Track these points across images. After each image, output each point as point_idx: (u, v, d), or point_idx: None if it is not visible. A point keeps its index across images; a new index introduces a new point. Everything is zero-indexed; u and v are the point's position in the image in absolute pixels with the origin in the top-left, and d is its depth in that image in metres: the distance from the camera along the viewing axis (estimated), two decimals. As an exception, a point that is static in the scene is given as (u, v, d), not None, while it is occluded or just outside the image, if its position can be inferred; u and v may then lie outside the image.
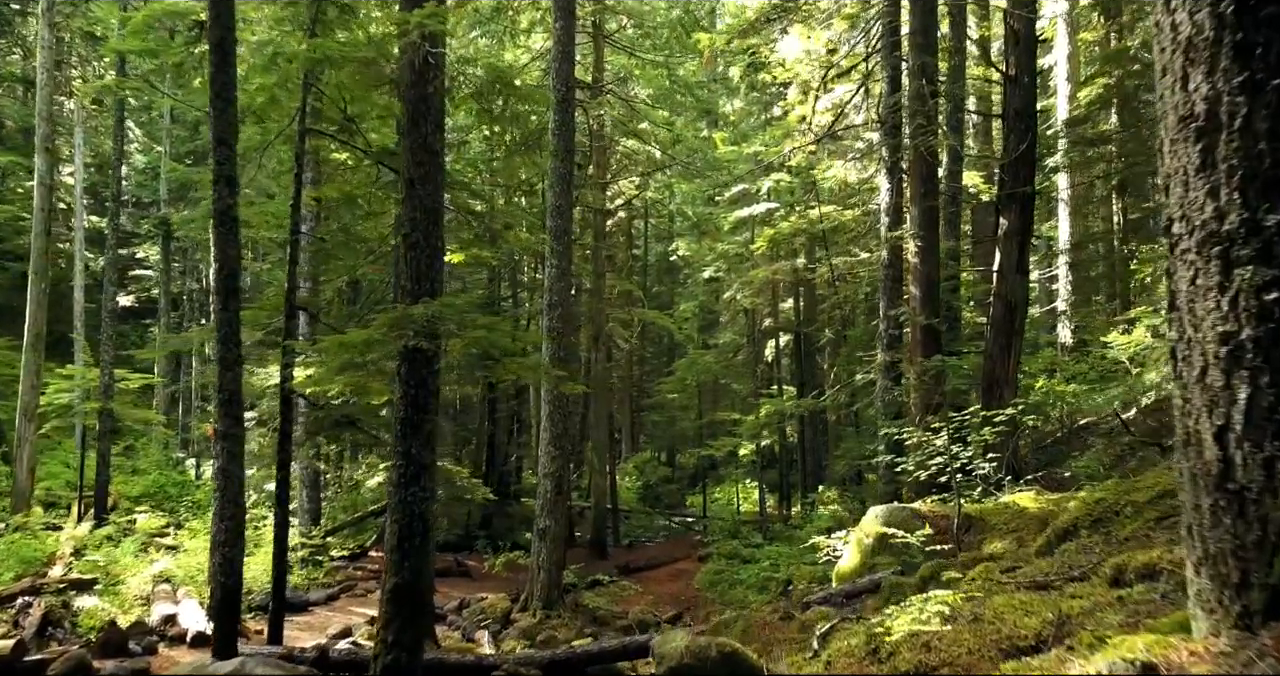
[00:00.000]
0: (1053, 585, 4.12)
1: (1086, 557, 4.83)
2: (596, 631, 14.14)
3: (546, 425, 14.52)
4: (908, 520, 8.61)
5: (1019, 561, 5.55)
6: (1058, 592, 3.88)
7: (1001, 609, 3.65)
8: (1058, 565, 4.76)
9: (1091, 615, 3.14)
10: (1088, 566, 4.44)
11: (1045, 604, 3.56)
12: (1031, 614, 3.41)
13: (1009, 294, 12.43)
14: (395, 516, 6.92)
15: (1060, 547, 5.42)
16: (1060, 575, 4.44)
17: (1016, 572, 4.89)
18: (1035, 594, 3.94)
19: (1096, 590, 3.55)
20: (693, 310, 32.21)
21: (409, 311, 6.58)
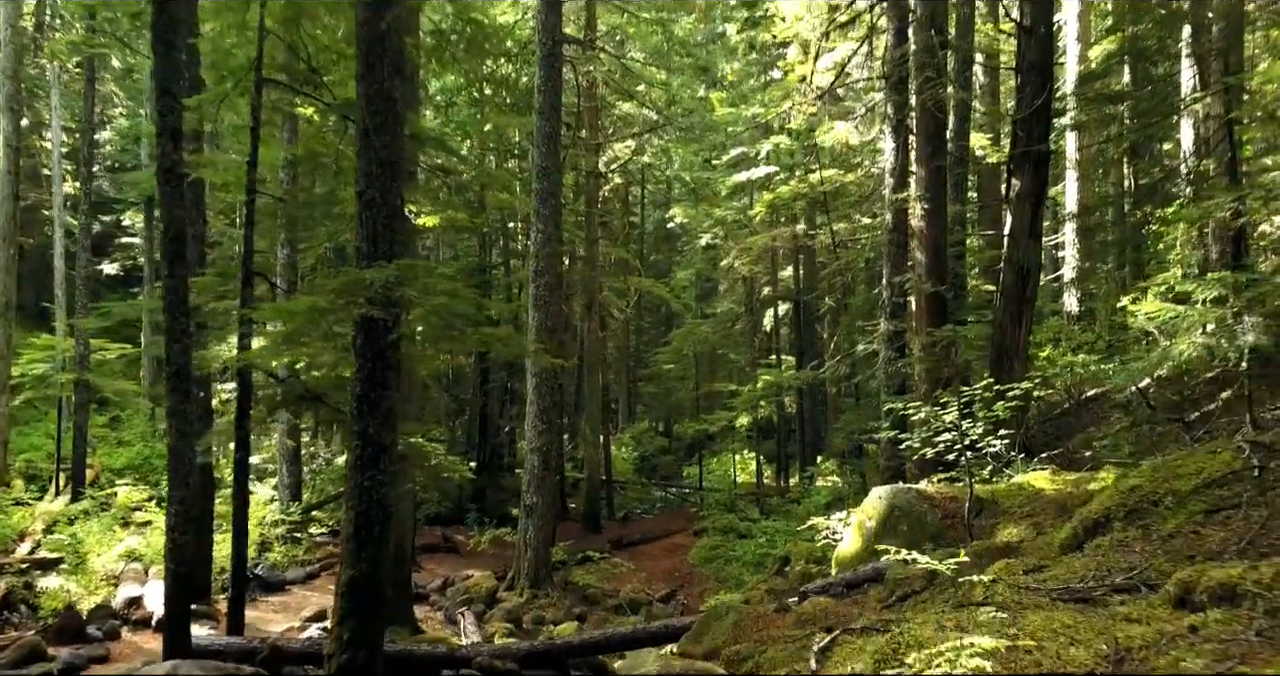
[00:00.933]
0: (1095, 597, 3.48)
1: (1125, 557, 4.20)
2: (585, 611, 13.62)
3: (533, 398, 13.89)
4: (913, 502, 7.99)
5: (1044, 558, 4.91)
6: (1104, 610, 3.24)
7: (1038, 631, 3.01)
8: (1093, 567, 4.12)
9: (1158, 650, 2.51)
10: (1133, 572, 3.80)
11: (1093, 627, 2.92)
12: (1078, 642, 2.78)
13: (1021, 259, 11.71)
14: (352, 503, 6.28)
15: (1092, 543, 4.78)
16: (1099, 581, 3.80)
17: (1044, 574, 4.26)
18: (1076, 610, 3.30)
19: (1157, 611, 2.91)
20: (690, 278, 31.47)
21: (360, 276, 5.89)
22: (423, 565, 16.10)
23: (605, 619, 13.53)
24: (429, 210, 9.79)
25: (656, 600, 14.63)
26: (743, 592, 13.45)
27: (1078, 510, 6.20)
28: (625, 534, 20.02)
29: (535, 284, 13.90)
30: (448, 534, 18.42)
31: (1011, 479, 8.45)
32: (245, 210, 8.63)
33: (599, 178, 21.48)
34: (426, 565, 16.24)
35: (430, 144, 9.31)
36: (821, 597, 7.09)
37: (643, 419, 37.13)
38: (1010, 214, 11.84)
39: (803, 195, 20.01)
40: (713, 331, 27.31)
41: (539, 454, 13.77)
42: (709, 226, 25.71)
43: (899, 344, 12.55)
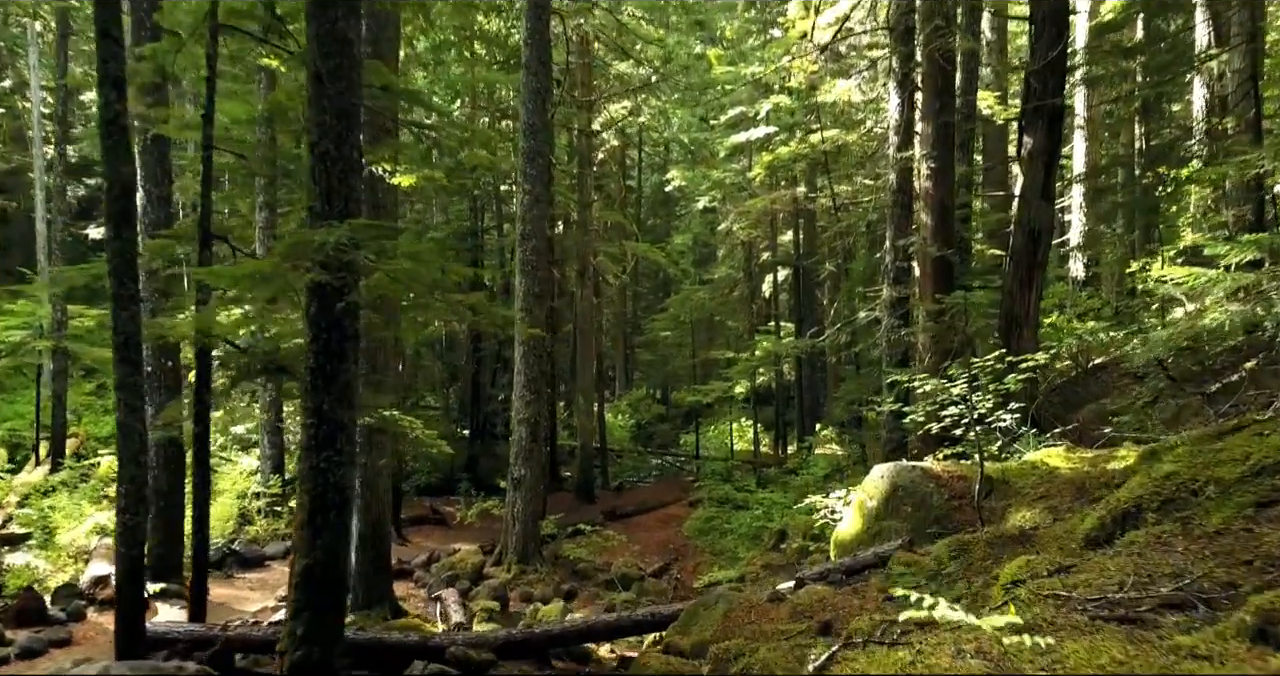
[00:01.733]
0: (1143, 616, 2.94)
1: (1167, 559, 3.66)
2: (575, 586, 13.19)
3: (520, 367, 13.33)
4: (918, 481, 7.47)
5: (1068, 555, 4.37)
6: (1159, 637, 2.69)
7: (1082, 667, 2.47)
8: (1131, 570, 3.57)
9: (1242, 706, 2.00)
10: (1181, 580, 3.26)
11: (1151, 665, 2.38)
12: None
13: (1032, 221, 11.09)
14: (306, 486, 5.74)
15: (1123, 538, 4.24)
16: (1143, 590, 3.26)
17: (1072, 577, 3.72)
18: (1124, 634, 2.76)
19: (1230, 646, 2.38)
20: (687, 243, 30.77)
21: (308, 237, 5.30)
22: (409, 539, 15.68)
23: (596, 595, 13.12)
24: (404, 169, 9.15)
25: (649, 574, 14.20)
26: (738, 569, 13.05)
27: (1104, 497, 5.66)
28: (619, 504, 19.59)
29: (522, 248, 13.28)
30: (436, 506, 17.99)
31: (1022, 456, 7.92)
32: (203, 167, 7.99)
33: (592, 137, 20.73)
34: (413, 538, 15.81)
35: (404, 98, 8.65)
36: (819, 586, 6.59)
37: (640, 386, 36.63)
38: (1021, 173, 11.21)
39: (803, 156, 19.30)
40: (710, 297, 26.70)
41: (527, 425, 13.25)
42: (707, 189, 24.98)
43: (902, 311, 11.98)
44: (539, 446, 13.45)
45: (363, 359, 10.31)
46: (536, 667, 7.27)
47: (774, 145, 20.79)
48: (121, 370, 7.05)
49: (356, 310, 5.80)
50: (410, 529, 16.51)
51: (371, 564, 10.34)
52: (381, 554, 10.40)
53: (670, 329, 27.32)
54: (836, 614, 5.76)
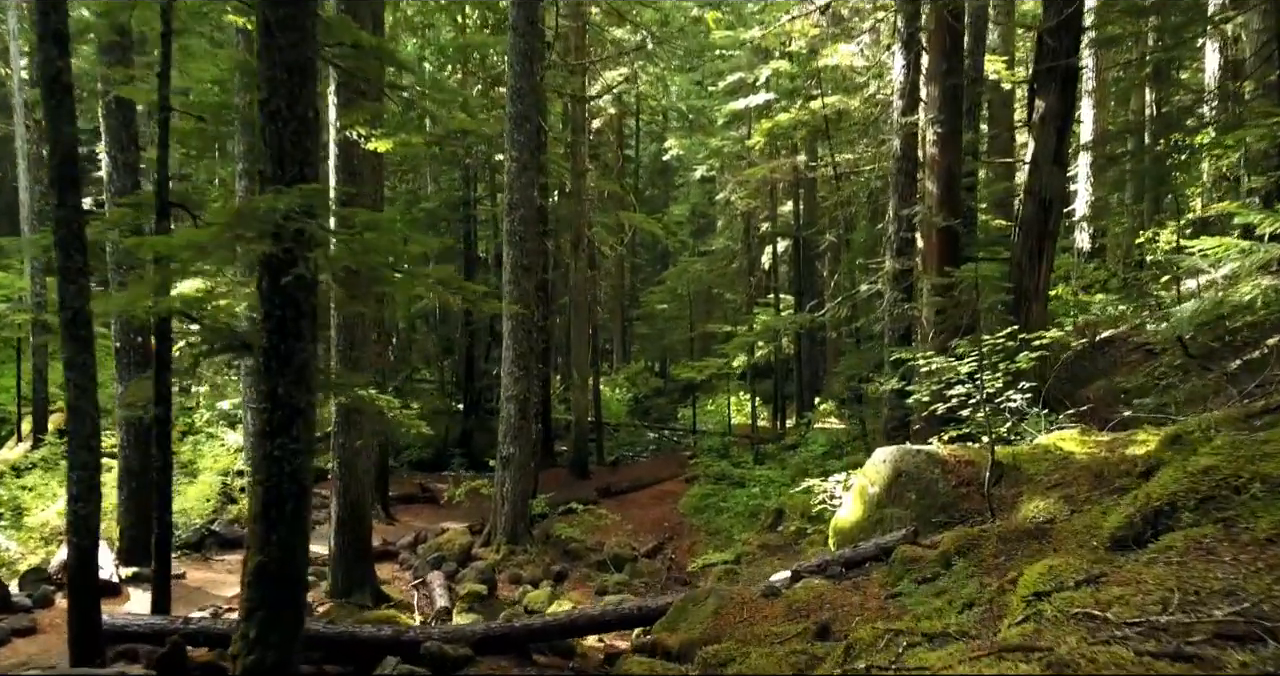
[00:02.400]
0: (1200, 652, 2.48)
1: (1214, 571, 3.20)
2: (566, 568, 12.80)
3: (509, 342, 12.85)
4: (923, 466, 7.01)
5: (1095, 560, 3.90)
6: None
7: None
8: (1173, 583, 3.11)
9: None
10: (1237, 601, 2.80)
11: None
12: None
13: (1043, 189, 10.56)
14: (259, 476, 5.28)
15: (1158, 542, 3.78)
16: (1192, 613, 2.80)
17: (1104, 591, 3.25)
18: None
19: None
20: (685, 214, 30.12)
21: (253, 205, 4.78)
22: (397, 518, 15.29)
23: (587, 576, 12.73)
24: (379, 134, 8.61)
25: (642, 555, 13.82)
26: (734, 550, 12.66)
27: (1126, 486, 5.20)
28: (614, 481, 19.20)
29: (510, 218, 12.74)
30: (427, 483, 17.60)
31: (1034, 439, 7.46)
32: (160, 130, 7.45)
33: (585, 104, 20.07)
34: (402, 518, 15.42)
35: (376, 56, 8.08)
36: (816, 579, 6.16)
37: (638, 359, 36.18)
38: (1032, 138, 10.66)
39: (803, 123, 18.67)
40: (708, 269, 26.16)
41: (515, 402, 12.79)
42: (704, 158, 24.36)
43: (905, 284, 11.47)
44: (528, 424, 13.01)
45: (339, 335, 9.85)
46: (517, 664, 6.87)
47: (774, 112, 20.15)
48: (70, 348, 6.58)
49: (313, 285, 5.30)
50: (399, 507, 16.13)
51: (351, 547, 9.94)
52: (361, 537, 9.99)
53: (667, 302, 26.81)
54: (835, 613, 5.33)
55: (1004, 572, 4.81)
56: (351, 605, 9.63)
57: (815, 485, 8.22)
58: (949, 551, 5.37)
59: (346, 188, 9.67)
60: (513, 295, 12.71)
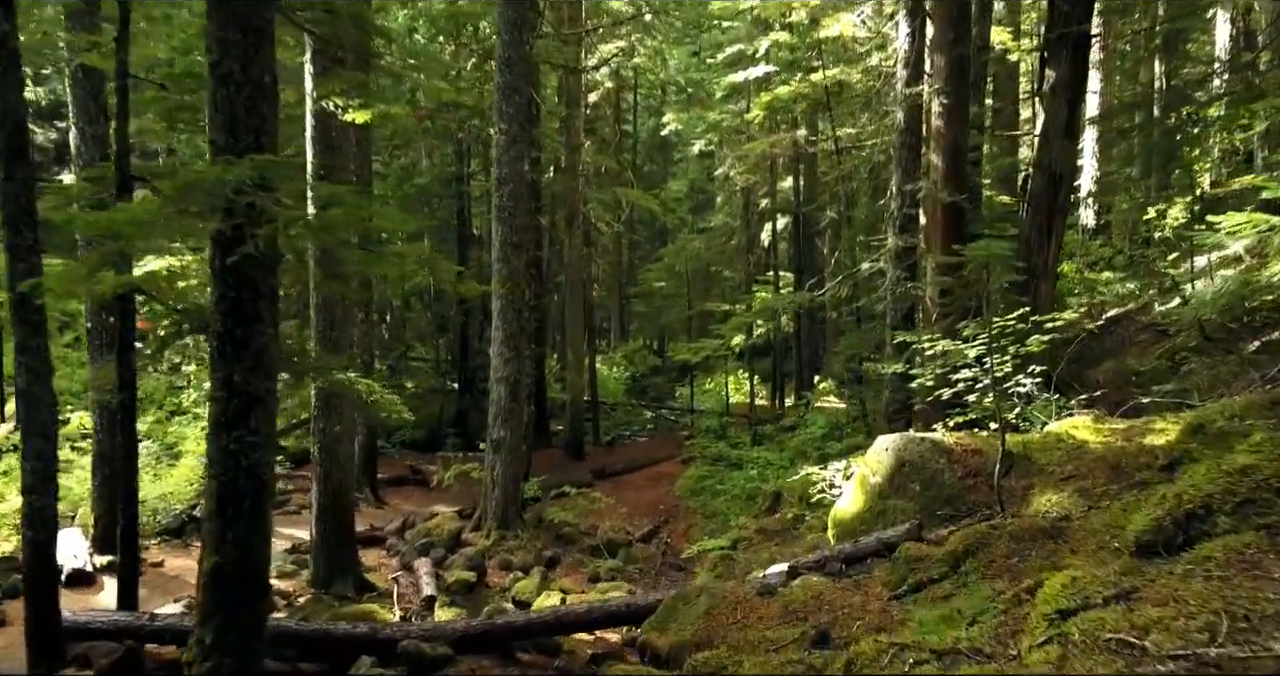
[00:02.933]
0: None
1: (1264, 589, 2.83)
2: (558, 553, 12.48)
3: (498, 322, 12.45)
4: (927, 456, 6.64)
5: (1123, 569, 3.52)
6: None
7: None
8: (1219, 603, 2.74)
9: None
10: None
11: None
12: None
13: (1053, 163, 10.13)
14: (215, 471, 4.90)
15: (1194, 551, 3.41)
16: (1246, 644, 2.43)
17: (1139, 612, 2.89)
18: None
19: None
20: (683, 190, 29.56)
21: (201, 176, 4.36)
22: (387, 501, 14.97)
23: (580, 561, 12.42)
24: (356, 104, 8.15)
25: (637, 539, 13.50)
26: (730, 535, 12.33)
27: (1147, 480, 4.83)
28: (609, 462, 18.86)
29: (498, 193, 12.29)
30: (419, 464, 17.26)
31: (1045, 427, 7.09)
32: (119, 99, 7.01)
33: (581, 75, 19.52)
34: (391, 500, 15.10)
35: (352, 22, 7.61)
36: (815, 577, 5.80)
37: (636, 337, 35.75)
38: (1043, 109, 10.22)
39: (804, 96, 18.14)
40: (706, 247, 25.71)
41: (506, 384, 12.41)
42: (702, 132, 23.81)
43: (909, 262, 11.06)
44: (520, 406, 12.63)
45: (318, 315, 9.44)
46: (499, 663, 6.53)
47: (773, 85, 19.62)
48: (20, 331, 6.18)
49: (271, 263, 4.89)
50: (389, 490, 15.80)
51: (333, 535, 9.61)
52: (343, 524, 9.65)
53: (665, 280, 26.36)
54: (835, 616, 4.97)
55: (1017, 576, 4.45)
56: (333, 595, 9.31)
57: (814, 473, 7.85)
58: (956, 551, 5.01)
59: (324, 161, 9.22)
60: (502, 273, 12.29)
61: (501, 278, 12.29)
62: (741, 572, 10.86)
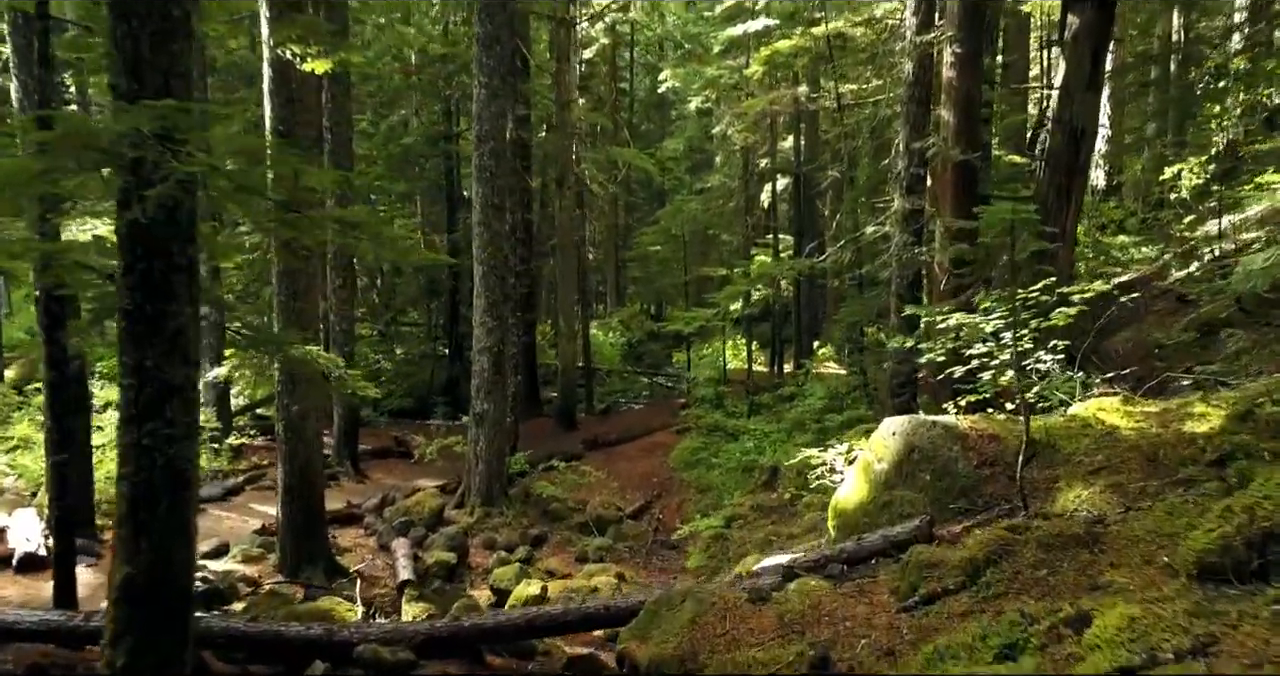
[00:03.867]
0: None
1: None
2: (545, 531, 11.95)
3: (480, 290, 11.77)
4: (939, 441, 6.01)
5: (1191, 609, 2.90)
6: None
7: None
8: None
9: None
10: None
11: None
12: None
13: (1074, 118, 9.37)
14: (126, 469, 4.27)
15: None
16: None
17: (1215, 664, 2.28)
18: None
19: None
20: (680, 149, 28.62)
21: (88, 124, 3.66)
22: (368, 475, 14.40)
23: (568, 540, 11.88)
24: (315, 51, 7.41)
25: (628, 515, 12.95)
26: (725, 513, 11.77)
27: (1219, 498, 4.17)
28: (602, 432, 18.29)
29: (479, 152, 11.54)
30: (403, 436, 16.67)
31: (1067, 408, 6.44)
32: (38, 43, 6.26)
33: (571, 28, 18.60)
34: (373, 474, 14.53)
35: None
36: (813, 580, 5.20)
37: (633, 301, 35.06)
38: (1063, 59, 9.43)
39: (805, 50, 17.25)
40: (704, 209, 24.86)
41: (489, 354, 11.77)
42: (700, 88, 22.87)
43: (916, 226, 10.34)
44: (503, 378, 12.00)
45: (279, 284, 8.77)
46: (467, 667, 5.96)
47: (773, 38, 18.71)
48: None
49: (185, 230, 4.20)
50: (372, 462, 15.23)
51: (302, 517, 9.02)
52: (311, 507, 9.06)
53: (661, 243, 25.55)
54: (837, 632, 4.37)
55: (1050, 594, 3.84)
56: (301, 582, 8.77)
57: (813, 456, 7.21)
58: (976, 557, 4.39)
59: (283, 115, 8.48)
60: (484, 237, 11.60)
61: (483, 242, 11.59)
62: (735, 554, 10.32)
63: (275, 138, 8.57)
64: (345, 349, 13.76)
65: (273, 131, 8.54)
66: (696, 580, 10.43)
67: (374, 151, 20.90)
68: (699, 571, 10.33)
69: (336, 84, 13.44)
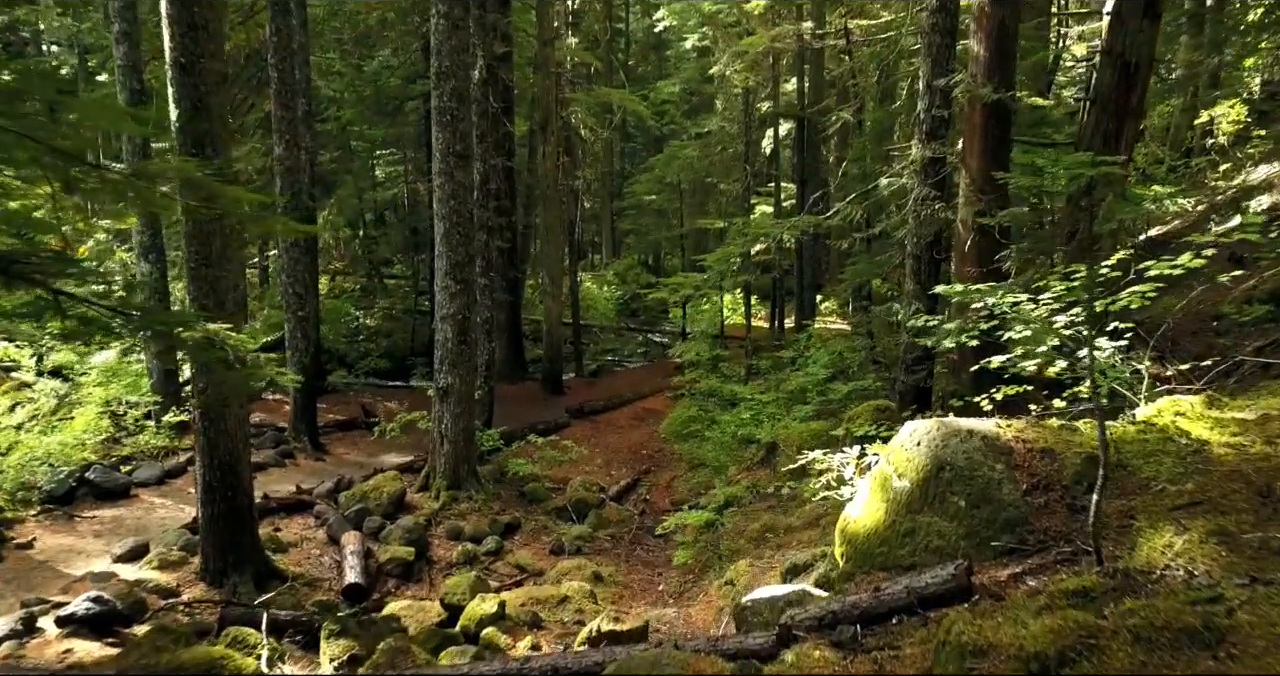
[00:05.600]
0: None
1: None
2: (519, 516, 10.82)
3: (442, 249, 10.45)
4: (977, 457, 4.75)
5: None
6: None
7: None
8: None
9: None
10: None
11: None
12: None
13: (1128, 50, 7.95)
14: None
15: None
16: None
17: None
18: None
19: None
20: (676, 92, 26.94)
21: None
22: (329, 450, 13.21)
23: (543, 528, 10.75)
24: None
25: (611, 497, 11.82)
26: (719, 496, 10.58)
27: None
28: (590, 398, 17.12)
29: (438, 92, 10.10)
30: (372, 404, 15.46)
31: (1134, 412, 5.18)
32: None
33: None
34: (335, 450, 13.35)
35: None
36: (816, 647, 3.99)
37: (631, 253, 33.58)
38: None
39: (811, -21, 15.65)
40: (702, 155, 23.33)
41: (452, 322, 10.49)
42: (696, 25, 21.19)
43: (938, 176, 8.95)
44: (471, 349, 10.73)
45: (189, 246, 7.47)
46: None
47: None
48: None
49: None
50: (336, 436, 14.05)
51: (226, 518, 7.83)
52: (237, 506, 7.86)
53: (655, 192, 24.08)
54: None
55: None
56: (225, 592, 7.63)
57: (816, 460, 5.94)
58: (1044, 652, 3.16)
59: (186, 45, 7.08)
60: (446, 189, 10.24)
61: (445, 194, 10.24)
62: (728, 550, 9.16)
63: (177, 72, 7.20)
64: (299, 314, 12.48)
65: (173, 65, 7.15)
66: (683, 580, 9.34)
67: (345, 94, 19.33)
68: (686, 569, 9.20)
69: (282, 15, 11.93)
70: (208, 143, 7.33)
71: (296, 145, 12.31)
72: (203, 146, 7.31)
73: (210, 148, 7.35)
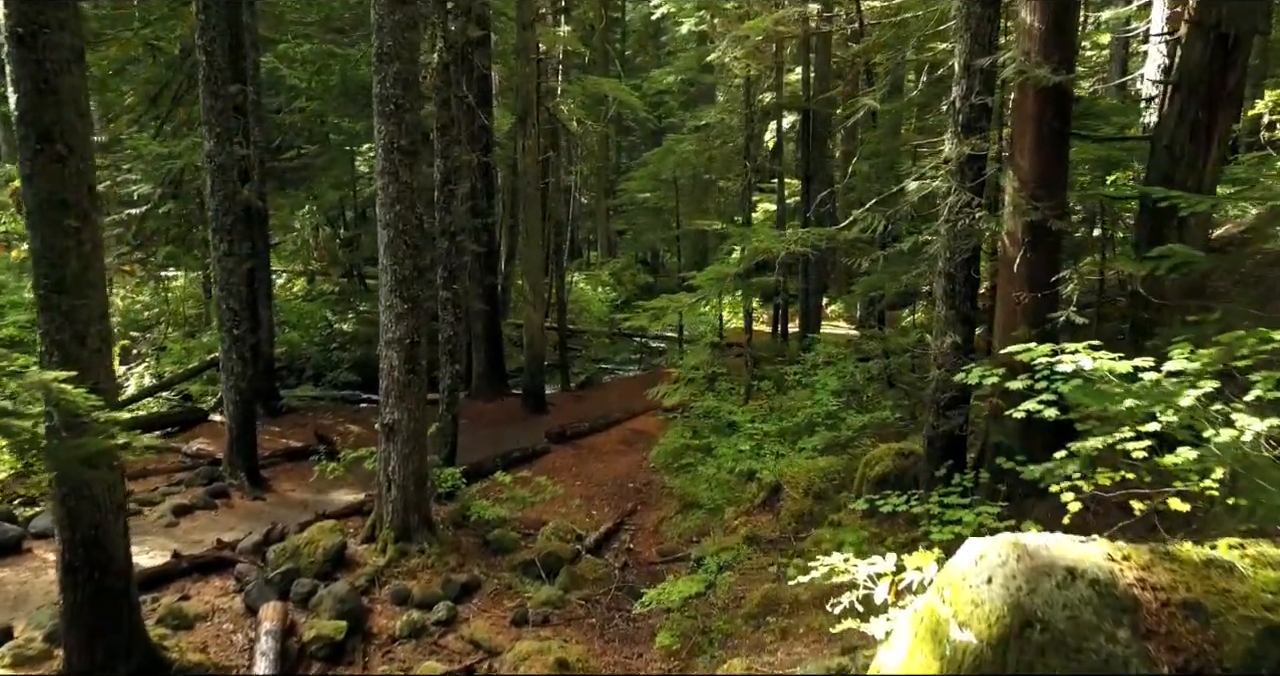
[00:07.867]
0: None
1: None
2: (479, 575, 9.22)
3: (386, 262, 8.89)
4: (1083, 613, 3.16)
5: None
6: None
7: None
8: None
9: None
10: None
11: None
12: None
13: (1224, 21, 6.35)
14: None
15: None
16: None
17: None
18: None
19: None
20: (672, 81, 25.23)
21: None
22: (272, 487, 11.64)
23: (506, 587, 9.18)
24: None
25: (589, 547, 10.26)
26: (705, 571, 8.97)
27: None
28: (573, 419, 15.53)
29: (379, 77, 8.51)
30: (326, 429, 13.90)
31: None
32: None
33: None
34: (279, 485, 11.78)
35: None
36: None
37: (625, 251, 31.93)
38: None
39: (818, -46, 14.04)
40: (700, 149, 21.67)
41: (399, 348, 8.90)
42: (693, 8, 19.57)
43: (977, 178, 7.31)
44: (420, 378, 9.16)
45: (38, 268, 5.91)
46: None
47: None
48: None
49: None
50: (282, 468, 12.47)
51: (94, 607, 6.29)
52: (107, 588, 6.33)
53: (650, 189, 22.43)
54: None
55: None
56: None
57: (835, 568, 4.36)
58: None
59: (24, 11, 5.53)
60: (389, 192, 8.67)
61: (388, 197, 8.68)
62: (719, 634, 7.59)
63: (14, 46, 5.63)
64: (234, 332, 10.91)
65: (9, 36, 5.59)
66: (667, 667, 7.78)
67: (311, 83, 17.70)
68: (671, 653, 7.65)
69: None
70: (57, 135, 5.77)
71: (229, 139, 10.71)
72: (51, 139, 5.75)
73: (62, 141, 5.79)
